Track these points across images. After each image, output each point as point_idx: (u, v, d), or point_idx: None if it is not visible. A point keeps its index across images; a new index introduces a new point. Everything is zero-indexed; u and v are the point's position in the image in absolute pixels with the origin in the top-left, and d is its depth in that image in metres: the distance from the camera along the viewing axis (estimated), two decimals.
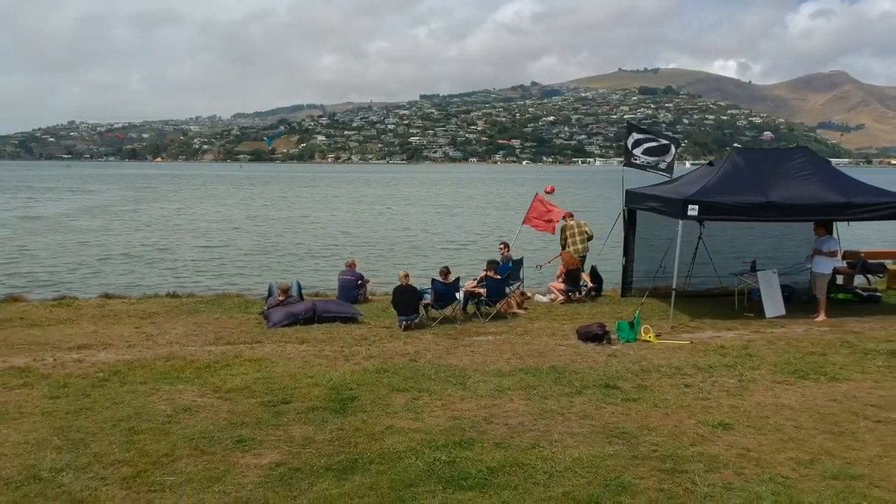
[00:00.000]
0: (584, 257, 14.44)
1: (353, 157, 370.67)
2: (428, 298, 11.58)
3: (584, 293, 13.96)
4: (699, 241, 14.14)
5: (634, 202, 13.76)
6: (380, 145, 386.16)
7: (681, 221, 11.38)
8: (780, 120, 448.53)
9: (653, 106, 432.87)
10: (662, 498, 5.92)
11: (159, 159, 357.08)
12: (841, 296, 13.56)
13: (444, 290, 11.53)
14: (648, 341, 10.73)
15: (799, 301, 13.30)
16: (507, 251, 14.25)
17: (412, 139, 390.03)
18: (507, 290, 12.80)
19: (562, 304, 13.43)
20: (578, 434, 7.25)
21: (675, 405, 8.09)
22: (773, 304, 12.37)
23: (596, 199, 59.46)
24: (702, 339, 11.02)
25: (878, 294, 13.80)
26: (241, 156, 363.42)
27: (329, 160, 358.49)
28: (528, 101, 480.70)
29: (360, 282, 13.46)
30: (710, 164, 13.10)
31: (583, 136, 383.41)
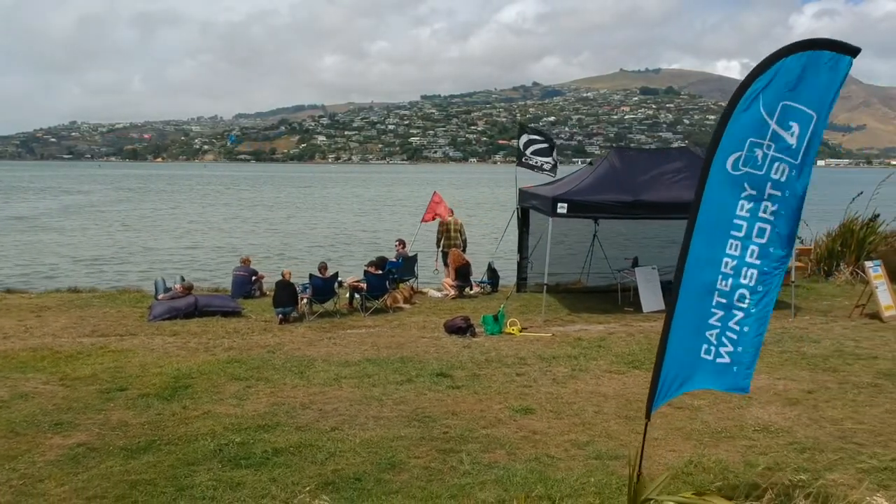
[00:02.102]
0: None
1: (353, 157, 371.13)
2: (308, 293, 12.00)
3: (480, 288, 14.42)
4: (594, 239, 14.58)
5: (525, 201, 14.19)
6: (380, 145, 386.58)
7: (551, 219, 11.80)
8: None
9: (654, 106, 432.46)
10: (424, 474, 6.34)
11: (160, 159, 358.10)
12: None
13: (322, 285, 11.98)
14: (512, 334, 11.14)
15: None
16: (403, 248, 14.72)
17: (412, 139, 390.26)
18: (400, 284, 13.26)
19: (452, 299, 13.86)
20: (384, 418, 7.66)
21: (495, 392, 8.50)
22: (651, 299, 12.76)
23: None
24: (566, 331, 11.42)
25: None
26: (242, 156, 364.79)
27: (329, 160, 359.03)
28: (528, 102, 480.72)
29: (254, 277, 13.88)
30: (591, 164, 13.51)
31: (581, 137, 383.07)
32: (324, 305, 12.33)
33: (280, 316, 11.58)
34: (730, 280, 5.00)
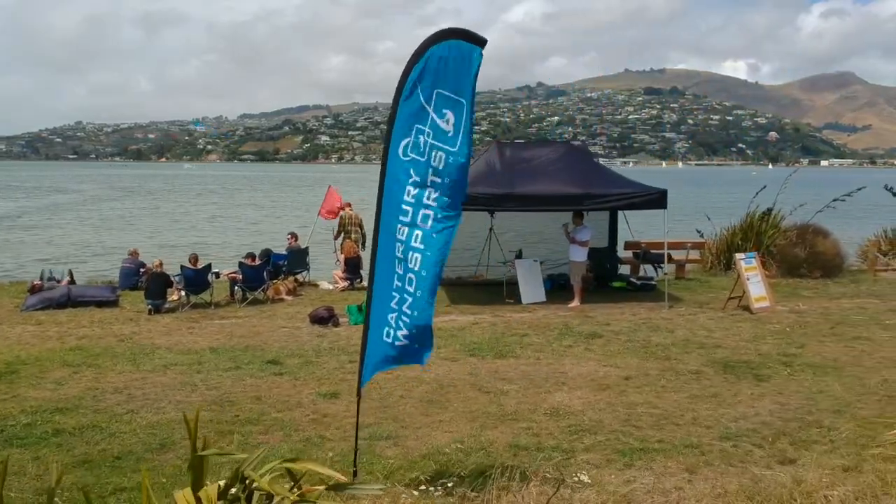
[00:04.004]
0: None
1: (356, 157, 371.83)
2: (181, 284, 12.17)
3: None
4: (490, 232, 14.71)
5: None
6: (383, 145, 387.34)
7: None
8: (786, 120, 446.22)
9: (658, 106, 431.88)
10: (186, 454, 6.45)
11: (163, 159, 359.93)
12: (616, 284, 14.05)
13: (194, 276, 12.15)
14: None
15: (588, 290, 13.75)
16: (295, 241, 14.93)
17: None
18: (289, 276, 13.46)
19: (342, 291, 14.02)
20: (185, 402, 7.80)
21: (315, 378, 8.63)
22: (531, 290, 12.87)
23: None
24: (433, 322, 11.50)
25: (653, 283, 14.26)
26: (246, 156, 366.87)
27: (332, 161, 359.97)
28: (533, 102, 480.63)
29: (141, 269, 14.06)
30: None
31: (585, 137, 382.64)
32: (200, 296, 12.49)
33: (150, 307, 11.75)
34: (403, 265, 5.13)
